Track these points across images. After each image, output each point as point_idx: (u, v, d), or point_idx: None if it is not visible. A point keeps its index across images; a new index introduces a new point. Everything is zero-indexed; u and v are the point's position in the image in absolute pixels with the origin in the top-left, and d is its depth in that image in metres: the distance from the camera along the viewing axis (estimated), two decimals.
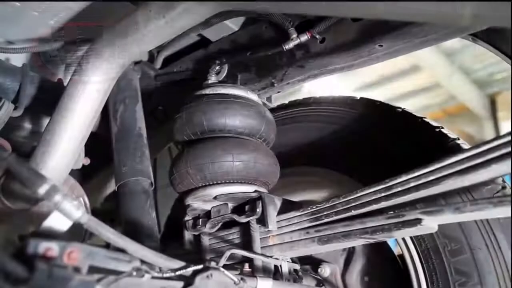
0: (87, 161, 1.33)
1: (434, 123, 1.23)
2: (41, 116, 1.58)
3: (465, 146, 1.17)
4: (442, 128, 1.21)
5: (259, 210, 1.08)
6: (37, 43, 1.46)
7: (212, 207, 1.20)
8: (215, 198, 1.15)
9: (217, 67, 1.32)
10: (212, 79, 1.31)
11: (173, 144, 1.70)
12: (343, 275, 1.31)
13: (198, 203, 1.19)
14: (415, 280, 1.15)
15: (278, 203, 1.13)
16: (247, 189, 1.14)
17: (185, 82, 1.51)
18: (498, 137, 0.75)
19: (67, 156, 1.07)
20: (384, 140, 1.26)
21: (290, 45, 1.18)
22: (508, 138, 0.73)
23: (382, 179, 0.95)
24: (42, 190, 0.67)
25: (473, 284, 1.04)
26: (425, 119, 1.24)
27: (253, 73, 1.32)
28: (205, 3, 0.88)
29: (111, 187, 1.78)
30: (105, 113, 1.31)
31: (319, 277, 1.30)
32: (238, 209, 1.16)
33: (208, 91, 1.22)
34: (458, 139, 1.19)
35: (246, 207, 1.13)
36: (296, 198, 1.41)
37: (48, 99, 1.39)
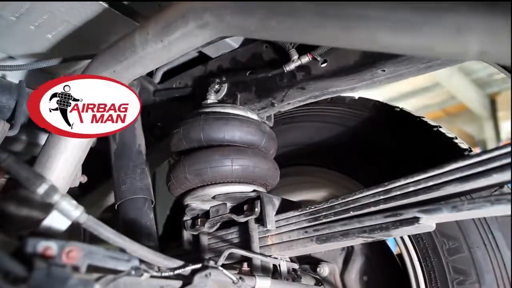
0: (84, 179, 1.31)
1: (432, 123, 1.24)
2: (38, 130, 1.56)
3: (463, 145, 1.18)
4: (440, 127, 1.22)
5: (257, 209, 1.09)
6: (35, 59, 1.44)
7: (211, 207, 1.20)
8: (213, 197, 1.15)
9: (217, 86, 1.30)
10: (212, 98, 1.29)
11: (171, 158, 1.67)
12: (342, 275, 1.31)
13: (196, 203, 1.19)
14: (413, 279, 1.16)
15: (277, 202, 1.13)
16: (246, 189, 1.14)
17: (184, 99, 1.49)
18: (498, 147, 0.77)
19: (63, 178, 1.05)
20: (382, 139, 1.27)
21: (291, 66, 1.15)
22: (509, 149, 0.74)
23: (381, 178, 0.95)
24: (41, 190, 0.67)
25: (471, 283, 1.04)
26: (423, 119, 1.25)
27: (253, 93, 1.29)
28: (204, 30, 0.87)
29: (111, 200, 1.76)
30: None
31: (318, 277, 1.30)
32: (237, 209, 1.17)
33: (207, 110, 1.21)
34: (456, 138, 1.19)
35: (245, 207, 1.13)
36: (294, 198, 1.42)
37: None
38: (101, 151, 1.34)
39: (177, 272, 0.79)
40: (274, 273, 1.10)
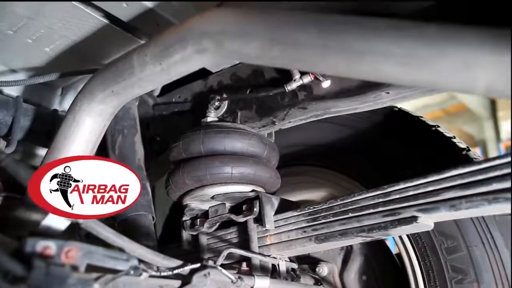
0: None
1: (430, 122, 1.24)
2: (35, 147, 1.55)
3: (461, 144, 1.18)
4: (438, 126, 1.22)
5: (256, 209, 1.09)
6: (34, 72, 1.43)
7: (210, 207, 1.21)
8: (212, 198, 1.15)
9: (217, 103, 1.27)
10: (211, 115, 1.26)
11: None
12: (341, 274, 1.32)
13: (195, 203, 1.19)
14: (412, 278, 1.16)
15: (276, 202, 1.14)
16: (245, 189, 1.14)
17: (183, 113, 1.47)
18: (499, 156, 0.77)
19: None
20: (380, 139, 1.27)
21: (292, 86, 1.13)
22: (509, 158, 0.75)
23: (380, 177, 0.94)
24: None
25: (469, 281, 1.05)
26: (421, 118, 1.25)
27: (254, 111, 1.26)
28: (203, 55, 0.86)
29: None
30: (104, 144, 1.25)
31: (317, 276, 1.31)
32: (236, 209, 1.17)
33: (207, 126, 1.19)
34: (454, 138, 1.20)
35: (244, 207, 1.13)
36: (295, 197, 1.42)
37: (43, 130, 1.35)
38: None
39: (176, 271, 0.79)
40: (273, 272, 1.10)
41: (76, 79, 1.54)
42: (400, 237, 1.18)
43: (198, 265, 0.83)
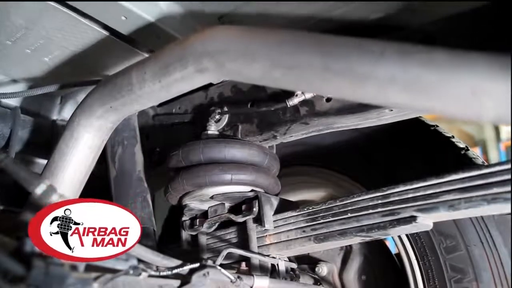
0: None
1: (429, 122, 1.24)
2: (33, 158, 1.54)
3: (460, 144, 1.19)
4: (437, 126, 1.22)
5: (255, 209, 1.09)
6: (33, 81, 1.42)
7: (209, 207, 1.21)
8: (212, 197, 1.15)
9: (217, 116, 1.25)
10: (212, 128, 1.24)
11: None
12: (340, 274, 1.32)
13: (195, 203, 1.19)
14: (411, 277, 1.16)
15: (275, 202, 1.14)
16: (244, 189, 1.14)
17: (184, 124, 1.45)
18: (499, 163, 0.78)
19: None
20: (380, 139, 1.27)
21: (294, 101, 1.10)
22: (509, 165, 0.76)
23: (380, 177, 0.93)
24: (39, 190, 0.68)
25: (468, 281, 1.05)
26: (420, 118, 1.25)
27: (255, 125, 1.23)
28: (204, 74, 0.85)
29: None
30: (103, 155, 1.24)
31: (317, 276, 1.31)
32: (235, 209, 1.17)
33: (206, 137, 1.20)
34: (453, 137, 1.20)
35: (243, 207, 1.13)
36: (293, 197, 1.42)
37: (41, 142, 1.35)
38: (101, 177, 1.29)
39: (175, 271, 0.80)
40: (273, 272, 1.10)
41: (75, 88, 1.54)
42: (399, 237, 1.19)
43: (197, 264, 0.83)
